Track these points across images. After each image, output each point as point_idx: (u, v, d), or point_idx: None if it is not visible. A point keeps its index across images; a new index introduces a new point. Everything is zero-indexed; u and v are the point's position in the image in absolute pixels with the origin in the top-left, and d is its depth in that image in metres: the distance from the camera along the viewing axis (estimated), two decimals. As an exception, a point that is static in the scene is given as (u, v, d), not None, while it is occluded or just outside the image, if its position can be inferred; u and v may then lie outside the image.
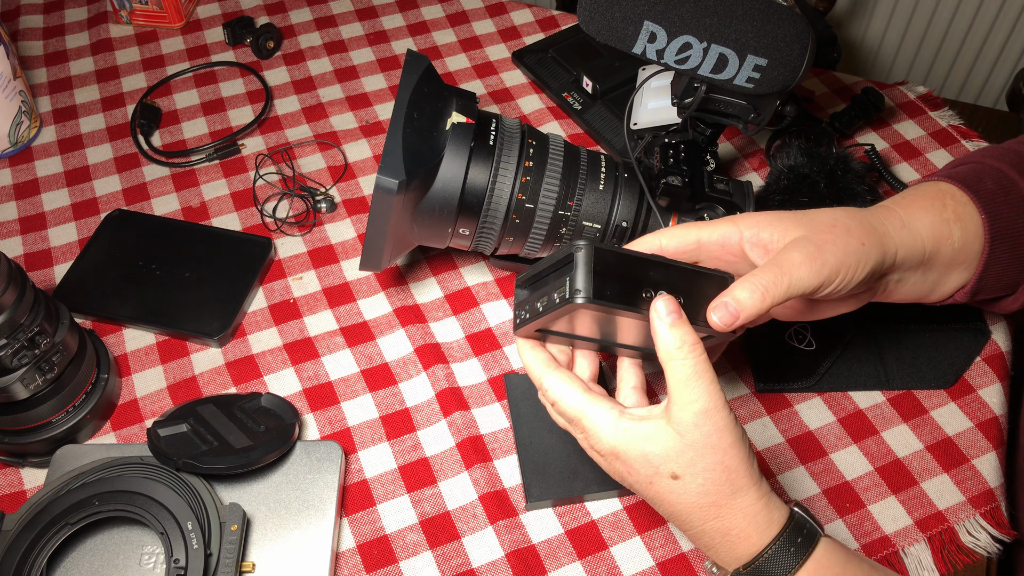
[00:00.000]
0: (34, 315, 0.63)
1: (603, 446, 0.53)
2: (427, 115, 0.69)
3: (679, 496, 0.51)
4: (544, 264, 0.54)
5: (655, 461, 0.51)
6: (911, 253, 0.59)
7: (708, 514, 0.51)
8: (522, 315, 0.55)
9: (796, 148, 0.79)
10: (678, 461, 0.51)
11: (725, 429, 0.50)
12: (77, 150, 0.93)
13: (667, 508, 0.53)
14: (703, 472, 0.50)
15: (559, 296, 0.51)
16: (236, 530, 0.61)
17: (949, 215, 0.61)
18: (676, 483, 0.51)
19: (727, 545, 0.52)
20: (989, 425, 0.72)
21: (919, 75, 1.73)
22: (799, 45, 0.64)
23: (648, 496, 0.53)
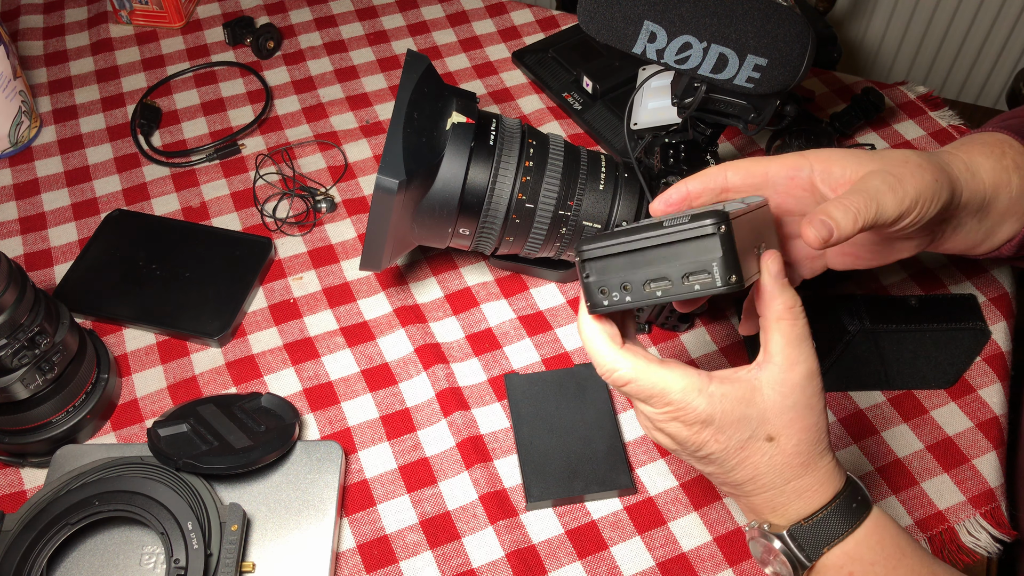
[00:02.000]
0: (34, 315, 0.63)
1: (694, 415, 0.50)
2: (427, 115, 0.69)
3: (771, 458, 0.50)
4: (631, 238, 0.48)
5: (753, 423, 0.50)
6: (973, 196, 0.58)
7: (795, 473, 0.51)
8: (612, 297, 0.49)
9: (796, 148, 0.79)
10: (776, 422, 0.50)
11: (821, 392, 0.51)
12: (77, 150, 0.93)
13: (749, 472, 0.51)
14: (799, 433, 0.50)
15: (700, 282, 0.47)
16: (236, 530, 0.61)
17: (1008, 163, 0.60)
18: (770, 445, 0.50)
19: (800, 503, 0.51)
20: (989, 425, 0.72)
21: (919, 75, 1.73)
22: (799, 45, 0.64)
23: (731, 464, 0.51)
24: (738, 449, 0.50)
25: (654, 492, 0.68)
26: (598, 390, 0.72)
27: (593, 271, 0.50)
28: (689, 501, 0.68)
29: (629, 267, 0.49)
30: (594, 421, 0.70)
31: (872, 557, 0.50)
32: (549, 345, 0.77)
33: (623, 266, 0.49)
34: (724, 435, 0.50)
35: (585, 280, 0.50)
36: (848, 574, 0.50)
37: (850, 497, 0.51)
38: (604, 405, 0.71)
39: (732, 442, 0.50)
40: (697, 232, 0.46)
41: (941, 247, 0.62)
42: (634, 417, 0.72)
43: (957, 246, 0.62)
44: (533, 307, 0.80)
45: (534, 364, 0.76)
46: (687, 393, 0.49)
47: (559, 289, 0.81)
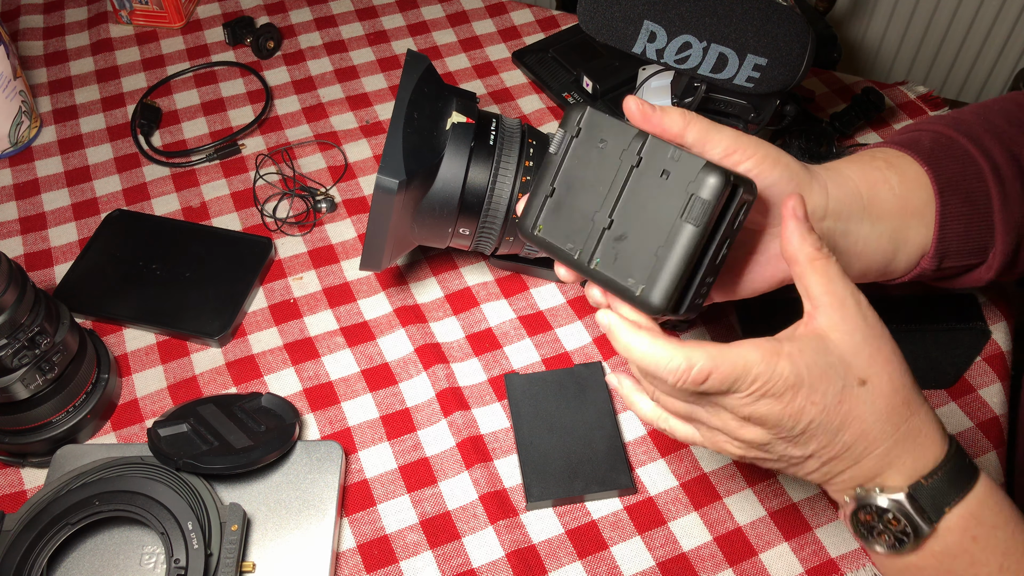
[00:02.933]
0: (34, 315, 0.63)
1: (782, 382, 0.45)
2: (427, 115, 0.69)
3: (873, 402, 0.46)
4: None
5: (840, 370, 0.46)
6: (843, 192, 0.55)
7: (902, 415, 0.47)
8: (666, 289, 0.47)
9: (796, 148, 0.79)
10: (859, 360, 0.46)
11: (881, 321, 0.48)
12: (77, 150, 0.93)
13: (855, 428, 0.46)
14: (886, 367, 0.46)
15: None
16: (236, 530, 0.61)
17: (879, 163, 0.57)
18: (866, 389, 0.46)
19: (918, 450, 0.47)
20: (989, 425, 0.72)
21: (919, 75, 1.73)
22: (799, 45, 0.64)
23: (834, 424, 0.46)
24: (837, 404, 0.46)
25: (654, 492, 0.68)
26: (598, 390, 0.72)
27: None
28: (689, 501, 0.68)
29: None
30: (594, 421, 0.70)
31: (994, 520, 0.46)
32: (549, 345, 0.77)
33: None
34: (818, 393, 0.46)
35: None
36: (972, 538, 0.46)
37: (961, 451, 0.47)
38: (604, 405, 0.71)
39: (829, 398, 0.46)
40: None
41: (850, 267, 0.56)
42: (634, 417, 0.72)
43: (867, 263, 0.57)
44: (533, 307, 0.80)
45: (534, 364, 0.76)
46: (768, 361, 0.45)
47: (559, 289, 0.81)
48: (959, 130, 0.60)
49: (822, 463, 0.48)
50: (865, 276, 0.58)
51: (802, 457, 0.48)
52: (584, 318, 0.79)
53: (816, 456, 0.48)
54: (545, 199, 0.52)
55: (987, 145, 0.59)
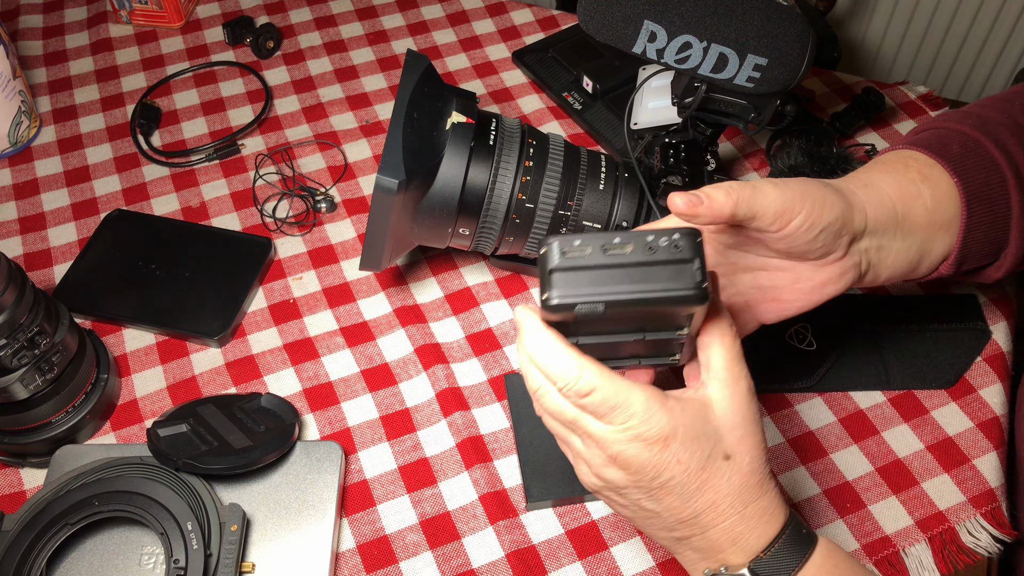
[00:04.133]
0: (34, 315, 0.63)
1: (656, 430, 0.47)
2: (427, 115, 0.69)
3: (731, 477, 0.49)
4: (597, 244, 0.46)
5: (711, 439, 0.48)
6: (881, 212, 0.56)
7: (753, 494, 0.49)
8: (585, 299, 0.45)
9: (796, 148, 0.79)
10: (729, 439, 0.49)
11: (760, 410, 0.51)
12: (77, 150, 0.92)
13: (709, 496, 0.49)
14: (752, 449, 0.49)
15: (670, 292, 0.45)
16: (236, 530, 0.61)
17: (914, 175, 0.58)
18: (727, 464, 0.49)
19: (760, 528, 0.49)
20: (990, 425, 0.72)
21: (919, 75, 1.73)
22: (799, 45, 0.64)
23: (691, 488, 0.48)
24: (699, 470, 0.48)
25: (654, 492, 0.68)
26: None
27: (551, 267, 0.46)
28: (689, 501, 0.68)
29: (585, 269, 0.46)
30: (594, 421, 0.70)
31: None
32: (549, 345, 0.77)
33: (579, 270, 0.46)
34: (687, 453, 0.48)
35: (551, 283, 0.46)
36: None
37: (798, 523, 0.50)
38: (604, 405, 0.71)
39: (694, 461, 0.48)
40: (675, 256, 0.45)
41: (878, 278, 0.59)
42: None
43: (893, 272, 0.59)
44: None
45: (534, 364, 0.76)
46: (650, 404, 0.47)
47: (559, 289, 0.81)
48: (986, 133, 0.61)
49: (670, 524, 0.50)
50: (889, 280, 0.60)
51: (652, 512, 0.50)
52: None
53: (665, 515, 0.49)
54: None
55: (1012, 150, 0.60)
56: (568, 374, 0.47)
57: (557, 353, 0.47)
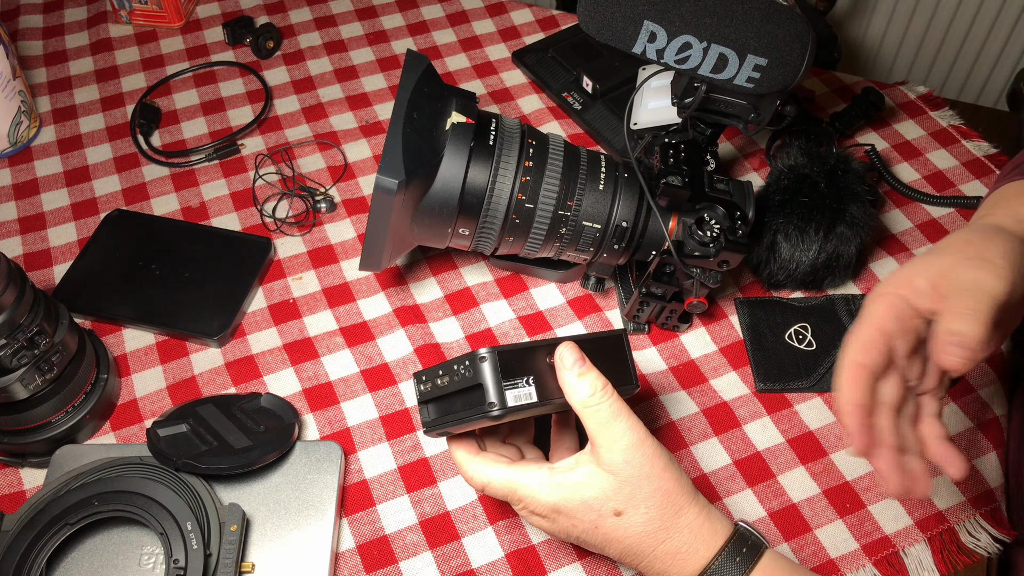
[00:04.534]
0: (34, 315, 0.63)
1: (543, 506, 0.54)
2: (427, 115, 0.69)
3: (626, 530, 0.53)
4: (446, 371, 0.56)
5: (595, 504, 0.53)
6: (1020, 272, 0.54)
7: (657, 539, 0.53)
8: (435, 422, 0.58)
9: (796, 148, 0.79)
10: (617, 498, 0.53)
11: (655, 456, 0.53)
12: (77, 150, 0.92)
13: (618, 547, 0.54)
14: (644, 501, 0.53)
15: (475, 412, 0.53)
16: (236, 530, 0.61)
17: None
18: (620, 519, 0.53)
19: (678, 565, 0.53)
20: (989, 425, 0.72)
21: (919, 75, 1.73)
22: (799, 45, 0.64)
23: (597, 542, 0.55)
24: (594, 528, 0.54)
25: (654, 492, 0.68)
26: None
27: (420, 393, 0.59)
28: (689, 501, 0.68)
29: (435, 395, 0.58)
30: (594, 421, 0.70)
31: None
32: (549, 345, 0.77)
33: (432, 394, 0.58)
34: (577, 519, 0.54)
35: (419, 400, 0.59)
36: None
37: (737, 545, 0.53)
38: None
39: (586, 524, 0.54)
40: (471, 381, 0.53)
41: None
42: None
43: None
44: (533, 307, 0.80)
45: (534, 364, 0.76)
46: (531, 488, 0.54)
47: (559, 289, 0.81)
48: None
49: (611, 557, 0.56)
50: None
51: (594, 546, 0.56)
52: (584, 318, 0.79)
53: (600, 553, 0.57)
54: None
55: None
56: (468, 476, 0.57)
57: (462, 461, 0.58)
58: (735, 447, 0.71)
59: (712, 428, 0.72)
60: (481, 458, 0.57)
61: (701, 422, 0.72)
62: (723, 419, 0.72)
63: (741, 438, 0.71)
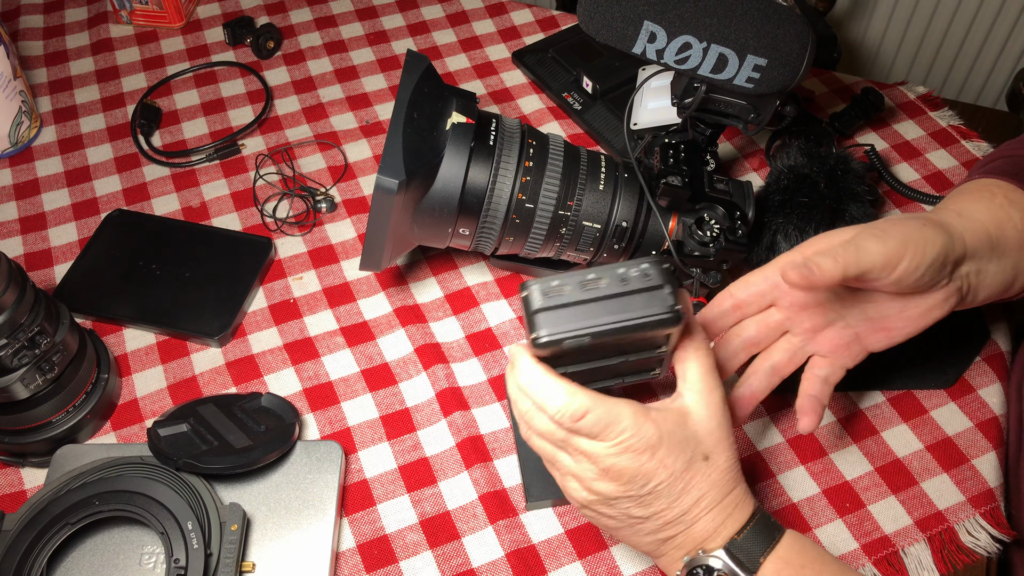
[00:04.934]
0: (34, 315, 0.63)
1: (647, 438, 0.51)
2: (427, 115, 0.69)
3: (709, 475, 0.53)
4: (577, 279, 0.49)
5: (691, 445, 0.53)
6: (977, 237, 0.59)
7: (729, 486, 0.54)
8: (570, 333, 0.49)
9: (796, 148, 0.79)
10: (707, 442, 0.53)
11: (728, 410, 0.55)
12: (77, 150, 0.93)
13: (693, 495, 0.53)
14: (725, 450, 0.54)
15: (647, 318, 0.48)
16: (236, 530, 0.61)
17: (1001, 201, 0.62)
18: (706, 463, 0.53)
19: (736, 514, 0.54)
20: (989, 425, 0.72)
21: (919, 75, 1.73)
22: (799, 45, 0.64)
23: (677, 489, 0.52)
24: (683, 471, 0.52)
25: (654, 492, 0.68)
26: (598, 390, 0.72)
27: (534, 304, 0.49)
28: (689, 501, 0.68)
29: (567, 302, 0.49)
30: (594, 421, 0.70)
31: (801, 560, 0.53)
32: (549, 345, 0.77)
33: (561, 302, 0.50)
34: (671, 458, 0.52)
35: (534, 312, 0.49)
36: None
37: (766, 514, 0.55)
38: (604, 405, 0.71)
39: (678, 465, 0.52)
40: (647, 284, 0.49)
41: (976, 298, 0.62)
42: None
43: (990, 292, 0.62)
44: (533, 307, 0.80)
45: (534, 364, 0.76)
46: (637, 418, 0.51)
47: (559, 289, 0.81)
48: None
49: (658, 527, 0.54)
50: (986, 300, 0.63)
51: (641, 518, 0.54)
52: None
53: (654, 519, 0.54)
54: None
55: None
56: (559, 402, 0.50)
57: (547, 383, 0.51)
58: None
59: (712, 428, 0.72)
60: (576, 385, 0.51)
61: (701, 422, 0.72)
62: (723, 419, 0.72)
63: (741, 438, 0.71)
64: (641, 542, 0.56)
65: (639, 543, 0.56)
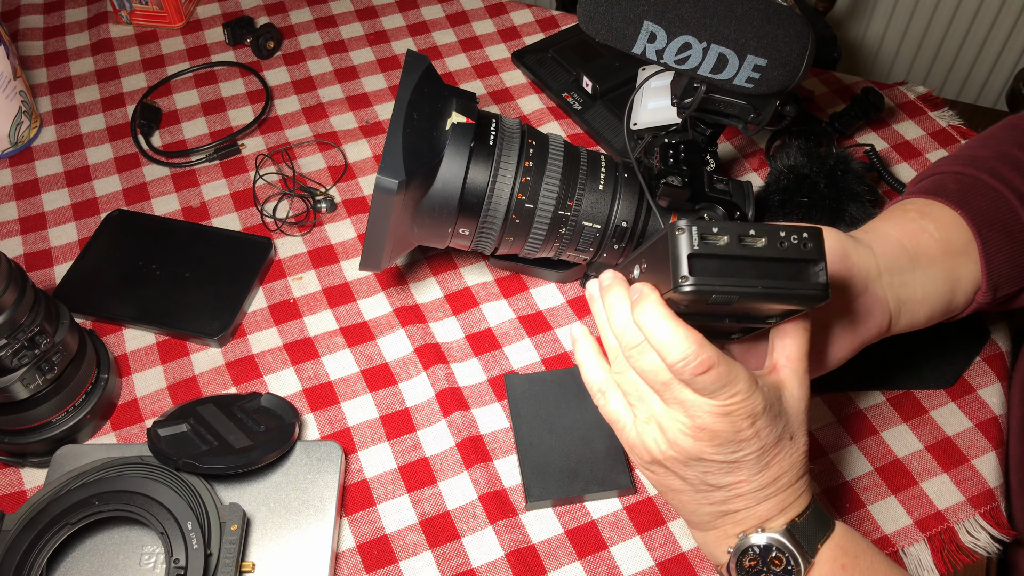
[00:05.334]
0: (34, 315, 0.63)
1: (751, 407, 0.49)
2: (427, 115, 0.69)
3: (791, 454, 0.53)
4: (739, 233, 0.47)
5: (783, 420, 0.52)
6: (888, 248, 0.60)
7: (804, 469, 0.54)
8: (721, 288, 0.45)
9: (796, 148, 0.79)
10: (794, 422, 0.53)
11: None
12: (77, 150, 0.93)
13: (775, 470, 0.52)
14: (805, 434, 0.54)
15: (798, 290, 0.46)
16: (236, 530, 0.61)
17: (912, 215, 0.63)
18: (791, 443, 0.53)
19: (801, 499, 0.54)
20: (989, 425, 0.72)
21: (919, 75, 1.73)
22: (799, 45, 0.64)
23: (763, 462, 0.51)
24: (773, 445, 0.51)
25: (654, 492, 0.68)
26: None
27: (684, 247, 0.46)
28: (689, 501, 0.68)
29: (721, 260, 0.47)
30: (594, 421, 0.70)
31: (855, 549, 0.54)
32: (549, 345, 0.77)
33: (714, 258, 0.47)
34: (766, 430, 0.50)
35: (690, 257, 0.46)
36: (841, 566, 0.53)
37: (818, 503, 0.55)
38: (604, 405, 0.71)
39: (770, 438, 0.51)
40: (803, 255, 0.47)
41: (916, 315, 0.61)
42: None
43: (931, 308, 0.62)
44: (533, 307, 0.80)
45: (534, 364, 0.76)
46: (751, 384, 0.49)
47: (559, 289, 0.81)
48: (977, 167, 0.65)
49: (728, 497, 0.53)
50: (932, 319, 0.63)
51: (716, 487, 0.52)
52: (584, 318, 0.79)
53: (729, 488, 0.52)
54: None
55: (1007, 176, 0.64)
56: (686, 350, 0.47)
57: (676, 328, 0.47)
58: (735, 447, 0.71)
59: (712, 428, 0.72)
60: (701, 337, 0.48)
61: (701, 422, 0.72)
62: (723, 419, 0.72)
63: (741, 438, 0.71)
64: (699, 511, 0.54)
65: (695, 511, 0.54)
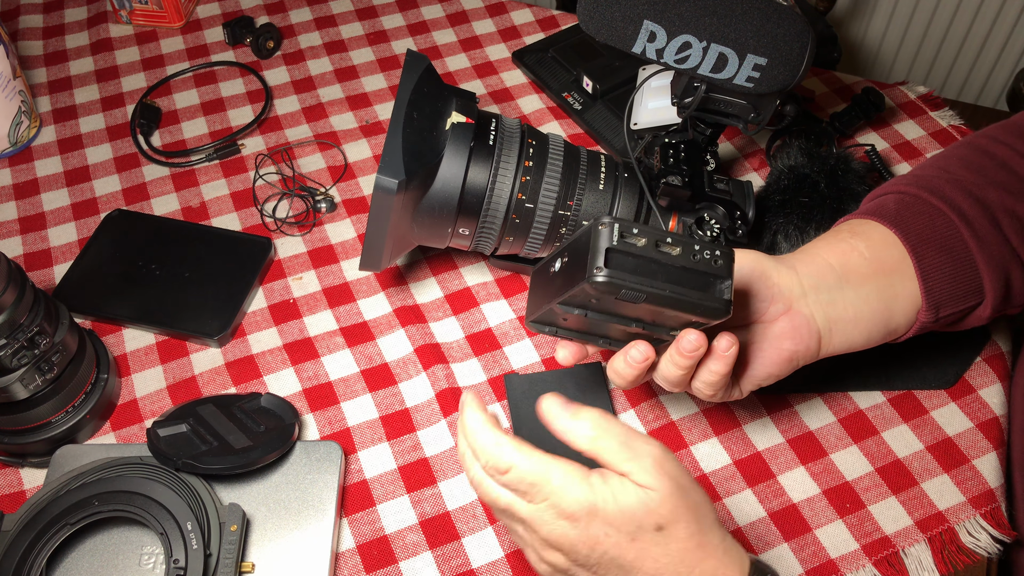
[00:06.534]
0: (34, 315, 0.63)
1: (578, 504, 0.47)
2: (427, 115, 0.69)
3: (666, 547, 0.48)
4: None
5: (637, 515, 0.48)
6: (814, 267, 0.60)
7: (696, 558, 0.48)
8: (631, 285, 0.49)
9: (796, 148, 0.79)
10: (660, 511, 0.48)
11: (680, 467, 0.50)
12: (77, 150, 0.93)
13: (650, 567, 0.48)
14: (684, 515, 0.48)
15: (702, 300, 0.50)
16: (236, 530, 0.61)
17: (844, 235, 0.63)
18: (662, 534, 0.48)
19: None
20: (989, 425, 0.72)
21: (919, 75, 1.73)
22: (799, 44, 0.64)
23: (628, 559, 0.48)
24: (629, 542, 0.48)
25: (654, 492, 0.68)
26: (598, 390, 0.72)
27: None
28: (689, 501, 0.68)
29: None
30: (594, 421, 0.70)
31: None
32: (549, 345, 0.77)
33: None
34: (613, 527, 0.47)
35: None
36: None
37: (759, 570, 0.50)
38: (603, 405, 0.71)
39: (622, 535, 0.48)
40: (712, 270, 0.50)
41: (851, 336, 0.61)
42: (634, 416, 0.72)
43: (867, 327, 0.61)
44: (533, 307, 0.80)
45: (534, 364, 0.76)
46: (568, 478, 0.47)
47: (559, 289, 0.81)
48: (920, 186, 0.65)
49: None
50: (870, 340, 0.63)
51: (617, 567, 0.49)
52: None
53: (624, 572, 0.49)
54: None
55: (949, 194, 0.63)
56: (492, 449, 0.49)
57: (485, 434, 0.49)
58: (735, 447, 0.71)
59: (712, 428, 0.72)
60: (511, 438, 0.49)
61: (701, 422, 0.72)
62: (723, 419, 0.72)
63: (741, 438, 0.71)
64: None
65: None
